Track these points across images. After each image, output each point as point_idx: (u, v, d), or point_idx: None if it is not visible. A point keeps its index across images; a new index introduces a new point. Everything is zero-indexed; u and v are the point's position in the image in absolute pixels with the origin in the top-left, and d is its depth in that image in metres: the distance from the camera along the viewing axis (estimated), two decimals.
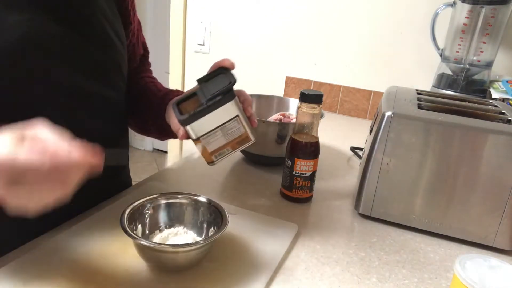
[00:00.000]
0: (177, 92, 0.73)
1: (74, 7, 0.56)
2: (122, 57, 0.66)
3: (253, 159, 0.90)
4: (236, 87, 0.55)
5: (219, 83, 0.55)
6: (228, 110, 0.55)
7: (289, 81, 1.59)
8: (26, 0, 0.50)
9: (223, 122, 0.55)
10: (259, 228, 0.62)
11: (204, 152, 0.58)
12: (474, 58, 1.15)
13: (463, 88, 1.17)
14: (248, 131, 0.58)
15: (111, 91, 0.65)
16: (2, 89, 0.49)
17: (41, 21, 0.51)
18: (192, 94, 0.57)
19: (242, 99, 0.59)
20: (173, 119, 0.59)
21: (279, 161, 0.84)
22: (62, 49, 0.54)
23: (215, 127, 0.55)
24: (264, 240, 0.58)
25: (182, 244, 0.49)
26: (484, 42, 1.13)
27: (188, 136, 0.57)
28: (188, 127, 0.55)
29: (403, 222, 0.68)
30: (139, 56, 0.79)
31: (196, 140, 0.57)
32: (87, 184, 0.64)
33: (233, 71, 0.57)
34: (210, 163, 0.59)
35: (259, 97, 1.04)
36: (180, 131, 0.56)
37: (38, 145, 0.39)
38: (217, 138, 0.56)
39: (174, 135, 0.68)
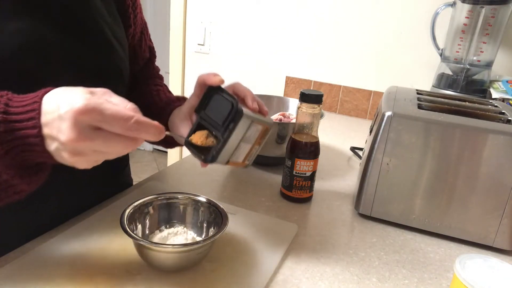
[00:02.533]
0: (178, 102, 0.69)
1: (73, 14, 0.56)
2: (122, 61, 0.65)
3: None
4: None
5: (221, 108, 0.52)
6: (242, 125, 0.52)
7: (289, 81, 1.59)
8: (26, 8, 0.50)
9: (242, 136, 0.53)
10: (259, 228, 0.61)
11: (235, 164, 0.56)
12: (474, 58, 1.15)
13: (463, 88, 1.17)
14: (265, 123, 0.56)
15: None
16: None
17: (41, 28, 0.51)
18: (198, 125, 0.55)
19: (242, 96, 0.57)
20: (178, 131, 0.59)
21: (279, 161, 0.84)
22: (62, 56, 0.54)
23: (236, 145, 0.53)
24: (264, 240, 0.58)
25: (182, 244, 0.49)
26: (484, 42, 1.13)
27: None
28: (215, 163, 0.53)
29: (403, 222, 0.68)
30: (143, 60, 0.78)
31: (225, 164, 0.55)
32: (88, 184, 0.64)
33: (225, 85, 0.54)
34: (244, 167, 0.58)
35: (259, 97, 1.03)
36: (202, 163, 0.54)
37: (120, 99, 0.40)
38: (242, 149, 0.55)
39: (179, 144, 0.68)
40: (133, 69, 0.74)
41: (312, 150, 0.70)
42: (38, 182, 0.45)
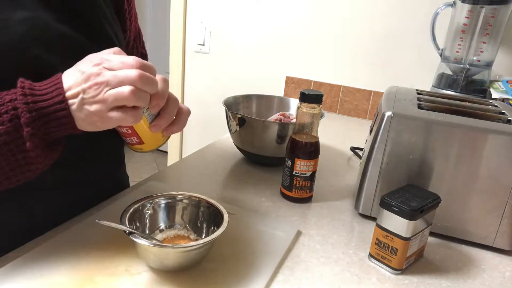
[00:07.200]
0: None
1: (78, 8, 0.56)
2: None
3: (253, 159, 0.90)
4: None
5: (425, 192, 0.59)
6: (430, 217, 0.58)
7: (289, 81, 1.59)
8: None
9: (424, 227, 0.57)
10: (259, 228, 0.62)
11: (400, 254, 0.55)
12: (474, 58, 1.15)
13: (463, 88, 1.17)
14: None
15: None
16: (3, 86, 0.49)
17: (46, 19, 0.51)
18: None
19: None
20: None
21: (279, 161, 0.84)
22: (65, 48, 0.54)
23: (421, 230, 0.56)
24: (264, 240, 0.58)
25: (182, 244, 0.49)
26: (484, 42, 1.13)
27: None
28: (413, 222, 0.54)
29: None
30: None
31: (406, 240, 0.54)
32: (86, 184, 0.64)
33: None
34: (398, 269, 0.56)
35: (259, 97, 1.04)
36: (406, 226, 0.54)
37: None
38: (415, 242, 0.56)
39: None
40: None
41: (312, 150, 0.70)
42: (52, 159, 0.49)
